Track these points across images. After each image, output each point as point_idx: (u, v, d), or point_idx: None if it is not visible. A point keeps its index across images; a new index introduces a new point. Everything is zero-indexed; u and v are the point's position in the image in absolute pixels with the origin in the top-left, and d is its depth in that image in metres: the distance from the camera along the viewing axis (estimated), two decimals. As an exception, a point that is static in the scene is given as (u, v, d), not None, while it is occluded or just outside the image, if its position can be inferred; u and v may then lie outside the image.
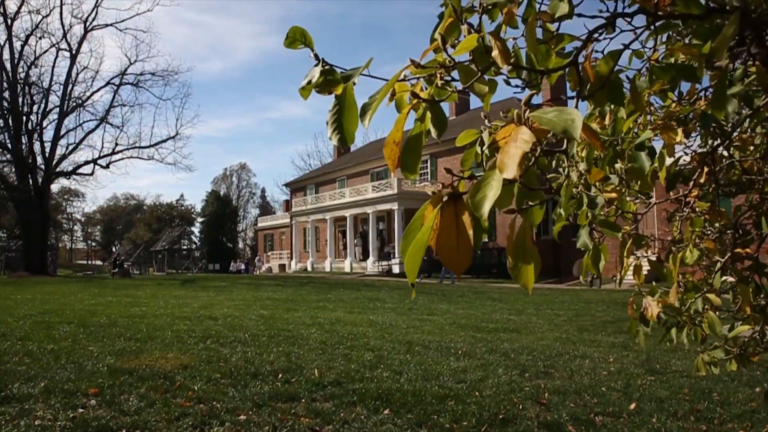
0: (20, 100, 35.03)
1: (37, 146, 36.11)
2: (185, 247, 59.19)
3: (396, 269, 31.81)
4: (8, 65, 34.39)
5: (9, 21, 34.12)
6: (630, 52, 1.69)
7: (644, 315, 2.17)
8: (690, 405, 4.97)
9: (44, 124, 36.65)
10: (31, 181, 34.83)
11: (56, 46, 36.38)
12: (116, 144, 37.29)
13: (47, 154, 35.99)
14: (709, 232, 2.20)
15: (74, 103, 36.99)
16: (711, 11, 1.30)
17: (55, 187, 51.41)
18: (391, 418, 4.50)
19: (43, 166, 36.08)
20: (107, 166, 37.20)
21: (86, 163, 37.13)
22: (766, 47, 1.39)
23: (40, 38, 36.21)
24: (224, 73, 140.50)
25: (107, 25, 37.73)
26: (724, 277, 2.23)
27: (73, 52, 36.29)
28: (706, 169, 1.92)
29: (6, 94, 34.33)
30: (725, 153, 2.17)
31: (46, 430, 4.04)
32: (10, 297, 15.10)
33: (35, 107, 36.28)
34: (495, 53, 0.93)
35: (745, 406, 4.94)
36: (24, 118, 34.99)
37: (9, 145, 34.31)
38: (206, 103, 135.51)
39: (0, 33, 35.23)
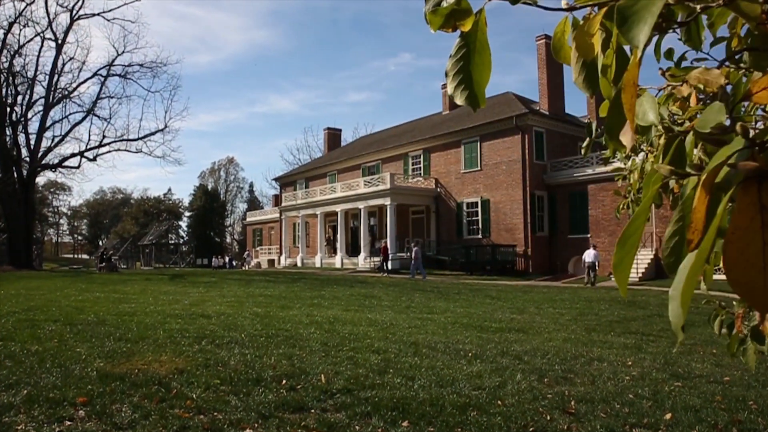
0: (4, 90, 34.08)
1: (21, 138, 35.19)
2: (173, 242, 58.46)
3: (388, 265, 31.35)
4: (-9, 54, 33.48)
5: (-8, 9, 33.21)
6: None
7: (760, 330, 1.79)
8: (729, 415, 4.63)
9: (29, 115, 35.72)
10: (15, 173, 33.95)
11: (41, 35, 35.40)
12: (103, 136, 36.38)
13: (32, 147, 35.09)
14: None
15: (60, 95, 36.02)
16: None
17: (40, 180, 50.12)
18: (410, 431, 4.12)
19: (28, 159, 35.19)
20: (94, 159, 36.39)
21: (72, 155, 36.23)
22: None
23: (24, 26, 35.24)
24: (212, 66, 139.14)
25: (94, 15, 36.62)
26: None
27: (59, 41, 35.36)
28: None
29: (-11, 84, 33.41)
30: None
31: (29, 447, 3.61)
32: (-8, 293, 14.52)
33: (20, 98, 35.31)
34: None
35: (788, 417, 4.62)
36: (8, 109, 34.04)
37: (-7, 137, 33.41)
38: (194, 96, 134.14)
39: (-17, 21, 34.25)
